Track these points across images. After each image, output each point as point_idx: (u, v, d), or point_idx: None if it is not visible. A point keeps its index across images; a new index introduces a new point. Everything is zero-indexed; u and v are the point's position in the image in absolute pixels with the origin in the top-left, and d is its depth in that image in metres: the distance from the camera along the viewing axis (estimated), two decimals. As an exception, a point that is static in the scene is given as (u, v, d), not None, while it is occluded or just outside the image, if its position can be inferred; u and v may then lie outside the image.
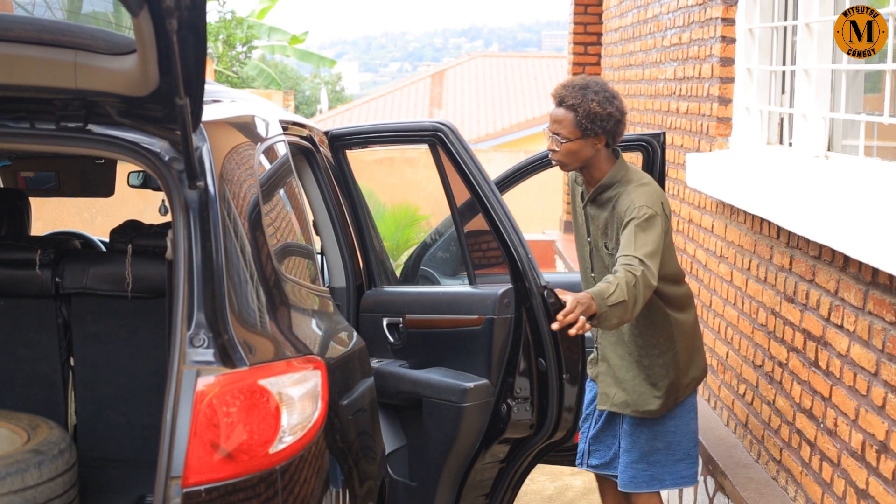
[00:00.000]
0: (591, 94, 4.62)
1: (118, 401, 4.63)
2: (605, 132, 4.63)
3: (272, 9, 25.38)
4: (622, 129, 4.69)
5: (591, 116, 4.59)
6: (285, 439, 3.16)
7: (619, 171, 4.73)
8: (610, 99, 4.64)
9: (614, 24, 10.13)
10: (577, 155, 4.67)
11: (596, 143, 4.65)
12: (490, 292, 4.65)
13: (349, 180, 5.14)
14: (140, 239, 4.56)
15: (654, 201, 4.61)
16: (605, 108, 4.61)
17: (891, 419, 3.87)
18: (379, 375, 4.80)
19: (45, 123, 3.39)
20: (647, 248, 4.47)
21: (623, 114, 4.70)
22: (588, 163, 4.70)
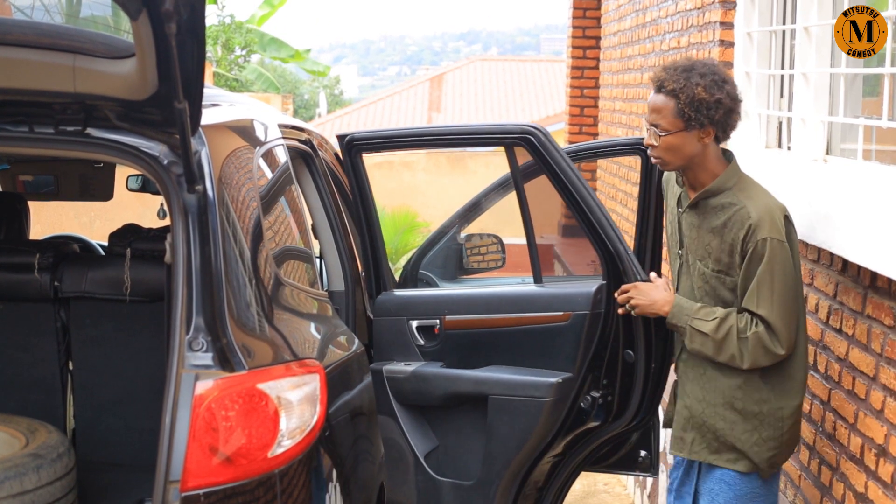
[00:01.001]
0: (696, 77, 4.03)
1: (117, 404, 4.62)
2: (714, 123, 4.04)
3: (272, 15, 25.38)
4: (735, 121, 4.11)
5: (695, 104, 4.01)
6: (284, 443, 3.16)
7: (732, 175, 4.15)
8: (719, 83, 4.04)
9: (613, 28, 10.14)
10: (681, 151, 4.09)
11: (703, 137, 4.07)
12: (583, 290, 4.73)
13: (365, 185, 5.14)
14: (139, 243, 4.56)
15: (779, 222, 4.05)
16: (713, 94, 4.02)
17: (890, 423, 3.87)
18: (418, 378, 4.88)
19: (43, 127, 3.39)
20: (767, 300, 4.01)
21: (736, 101, 4.09)
22: (693, 161, 4.12)
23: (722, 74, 4.09)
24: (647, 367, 4.60)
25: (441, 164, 20.26)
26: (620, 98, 9.71)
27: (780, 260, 3.99)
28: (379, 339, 5.00)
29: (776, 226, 4.00)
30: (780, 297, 3.99)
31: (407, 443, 4.91)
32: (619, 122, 9.51)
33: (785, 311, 4.01)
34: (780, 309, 4.00)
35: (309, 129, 5.07)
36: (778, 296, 3.98)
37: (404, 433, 4.91)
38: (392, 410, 4.91)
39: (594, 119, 11.91)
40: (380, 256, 5.14)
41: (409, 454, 4.91)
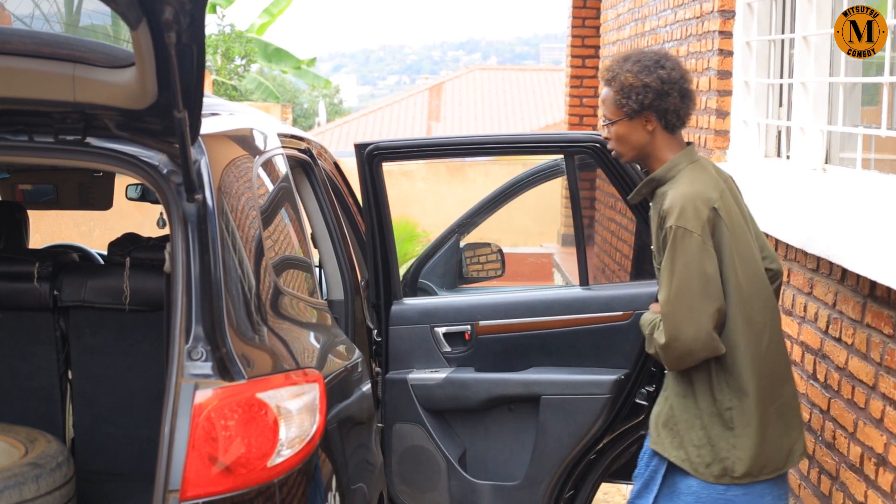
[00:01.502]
0: (628, 64, 3.99)
1: (116, 414, 4.62)
2: (648, 108, 3.94)
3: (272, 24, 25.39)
4: (674, 105, 3.97)
5: (625, 90, 3.96)
6: (283, 453, 3.16)
7: (676, 165, 3.99)
8: (650, 68, 3.96)
9: (612, 38, 10.15)
10: (628, 140, 4.01)
11: (646, 125, 3.97)
12: (646, 290, 4.84)
13: (383, 194, 5.15)
14: (138, 252, 4.56)
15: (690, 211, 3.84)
16: (641, 79, 3.94)
17: (889, 432, 3.86)
18: (454, 384, 4.96)
19: (43, 136, 3.39)
20: (665, 290, 3.86)
21: (671, 84, 3.95)
22: (644, 151, 4.03)
23: (656, 59, 3.99)
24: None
25: (440, 173, 20.26)
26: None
27: (681, 250, 3.80)
28: (397, 347, 5.04)
29: (685, 215, 3.80)
30: (675, 288, 3.80)
31: (438, 448, 4.97)
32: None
33: (678, 302, 3.80)
34: (674, 300, 3.80)
35: (308, 139, 5.08)
36: (674, 287, 3.80)
37: (434, 439, 4.96)
38: (420, 418, 4.96)
39: (593, 128, 11.92)
40: (392, 266, 5.16)
41: (440, 460, 4.99)
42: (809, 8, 5.19)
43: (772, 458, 3.94)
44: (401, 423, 5.02)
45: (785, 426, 3.99)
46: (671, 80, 3.96)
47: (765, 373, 3.93)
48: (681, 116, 4.02)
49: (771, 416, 3.93)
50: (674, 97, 3.97)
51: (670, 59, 4.02)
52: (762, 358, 3.93)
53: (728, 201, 3.95)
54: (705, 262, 3.81)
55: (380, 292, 5.10)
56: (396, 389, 5.00)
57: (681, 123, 4.04)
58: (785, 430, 3.99)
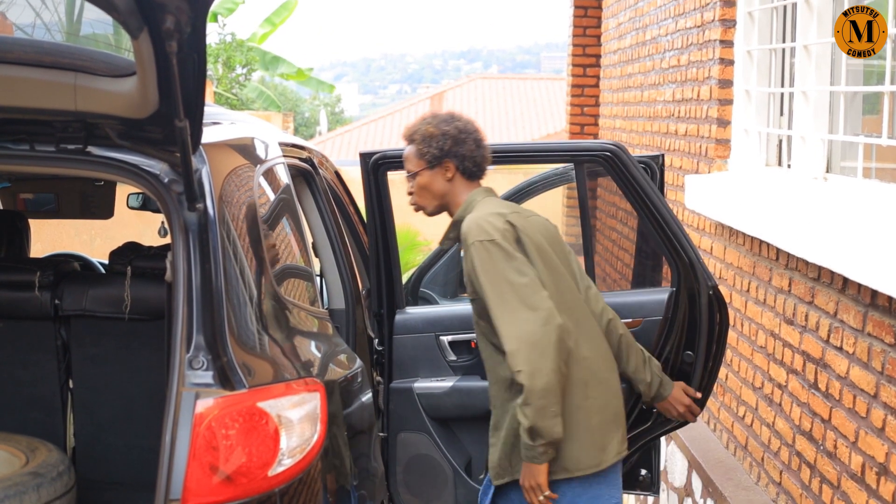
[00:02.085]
0: (428, 118, 4.30)
1: (117, 423, 4.62)
2: (447, 154, 4.20)
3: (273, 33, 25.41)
4: (469, 150, 4.21)
5: (426, 139, 4.22)
6: (284, 462, 3.15)
7: (470, 203, 4.21)
8: (448, 120, 4.25)
9: (613, 47, 10.16)
10: (429, 189, 4.26)
11: (445, 172, 4.22)
12: (655, 297, 4.83)
13: (387, 203, 5.15)
14: (139, 261, 4.56)
15: (486, 225, 4.00)
16: (440, 128, 4.22)
17: (890, 441, 3.86)
18: (461, 392, 4.92)
19: (44, 145, 3.39)
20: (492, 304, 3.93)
21: (466, 133, 4.22)
22: (445, 200, 4.27)
23: (455, 115, 4.29)
24: (705, 367, 4.68)
25: (441, 182, 20.28)
26: (620, 116, 9.72)
27: (490, 260, 3.94)
28: (401, 356, 5.04)
29: (482, 229, 3.97)
30: (502, 296, 3.89)
31: (444, 457, 4.96)
32: (619, 139, 9.52)
33: (513, 307, 3.88)
34: (505, 308, 3.89)
35: (309, 148, 5.07)
36: (500, 297, 3.90)
37: (441, 448, 4.96)
38: (426, 427, 4.95)
39: (594, 137, 11.92)
40: (395, 275, 5.15)
41: (446, 468, 4.97)
42: (810, 17, 5.20)
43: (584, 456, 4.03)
44: (406, 433, 5.02)
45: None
46: (466, 130, 4.23)
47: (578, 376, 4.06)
48: (477, 163, 4.24)
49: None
50: (469, 144, 4.22)
51: (462, 116, 4.33)
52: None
53: (523, 220, 4.09)
54: (516, 263, 3.94)
55: (383, 301, 5.09)
56: (402, 398, 5.00)
57: (479, 171, 4.26)
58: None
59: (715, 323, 4.61)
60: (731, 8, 6.24)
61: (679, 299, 4.69)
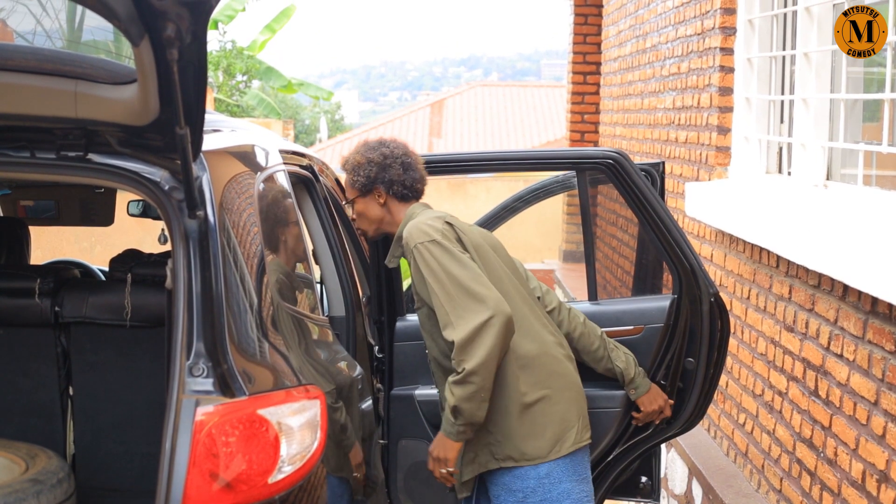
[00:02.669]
0: (358, 149, 4.44)
1: (117, 430, 4.62)
2: (375, 181, 4.35)
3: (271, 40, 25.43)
4: (396, 175, 4.35)
5: (355, 168, 4.39)
6: (284, 469, 3.15)
7: (407, 219, 4.33)
8: (374, 147, 4.41)
9: (613, 54, 10.16)
10: (367, 215, 4.42)
11: (378, 198, 4.37)
12: (657, 304, 4.82)
13: None
14: (139, 268, 4.56)
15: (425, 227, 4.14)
16: (365, 155, 4.38)
17: (891, 448, 3.86)
18: None
19: (45, 152, 3.39)
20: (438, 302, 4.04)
21: (392, 158, 4.37)
22: (384, 223, 4.42)
23: (380, 141, 4.43)
24: (706, 374, 4.69)
25: (441, 189, 20.27)
26: (621, 123, 9.72)
27: (433, 259, 4.06)
28: (402, 363, 5.03)
29: (422, 231, 4.10)
30: (447, 291, 4.00)
31: None
32: (619, 147, 9.52)
33: (459, 299, 3.98)
34: (453, 301, 3.99)
35: (310, 155, 5.07)
36: (446, 292, 4.00)
37: None
38: (427, 433, 4.95)
39: (595, 144, 11.93)
40: (395, 282, 5.15)
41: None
42: (810, 24, 5.20)
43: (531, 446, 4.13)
44: (407, 440, 5.01)
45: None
46: (392, 155, 4.36)
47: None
48: (408, 186, 4.36)
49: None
50: (396, 169, 4.35)
51: (394, 141, 4.45)
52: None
53: (459, 223, 4.25)
54: (459, 258, 4.05)
55: (384, 308, 5.09)
56: (402, 405, 4.99)
57: (411, 193, 4.38)
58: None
59: (716, 330, 4.62)
60: (731, 16, 6.24)
61: (680, 306, 4.69)
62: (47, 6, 3.58)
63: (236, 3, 23.81)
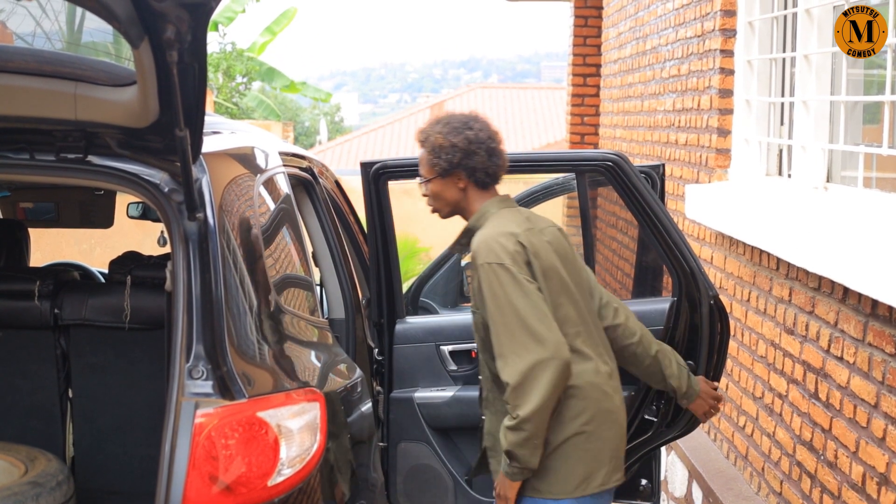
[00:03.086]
0: (439, 126, 4.14)
1: (116, 432, 4.61)
2: (458, 166, 4.08)
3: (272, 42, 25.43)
4: (480, 163, 4.09)
5: (436, 150, 4.10)
6: (284, 472, 3.15)
7: (483, 214, 4.11)
8: (458, 129, 4.10)
9: (613, 56, 10.16)
10: (442, 197, 4.16)
11: (457, 182, 4.12)
12: (656, 307, 4.80)
13: (388, 213, 5.14)
14: (139, 270, 4.56)
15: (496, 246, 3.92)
16: (449, 139, 4.08)
17: (891, 451, 3.86)
18: (461, 402, 4.91)
19: (44, 155, 3.39)
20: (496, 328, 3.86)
21: (478, 143, 4.08)
22: (459, 207, 4.18)
23: (465, 120, 4.13)
24: (706, 376, 4.63)
25: (442, 191, 20.26)
26: (621, 126, 9.72)
27: (498, 284, 3.87)
28: (401, 366, 5.03)
29: (492, 251, 3.90)
30: (506, 322, 3.84)
31: (445, 467, 4.95)
32: (619, 149, 9.52)
33: (517, 334, 3.82)
34: (511, 333, 3.83)
35: (310, 157, 5.07)
36: (505, 322, 3.84)
37: (441, 458, 4.95)
38: (426, 436, 4.94)
39: (595, 146, 11.93)
40: (395, 285, 5.14)
41: (447, 478, 4.96)
42: (810, 27, 5.20)
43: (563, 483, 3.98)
44: (406, 442, 5.01)
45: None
46: (478, 140, 4.08)
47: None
48: (490, 174, 4.12)
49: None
50: (481, 156, 4.09)
51: (479, 121, 4.16)
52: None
53: (535, 239, 4.00)
54: (525, 289, 3.85)
55: (383, 311, 5.09)
56: (402, 408, 4.99)
57: (491, 180, 4.15)
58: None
59: (716, 333, 4.60)
60: (731, 18, 6.24)
61: (680, 309, 4.68)
62: (47, 8, 3.58)
63: (236, 5, 23.81)
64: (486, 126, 4.16)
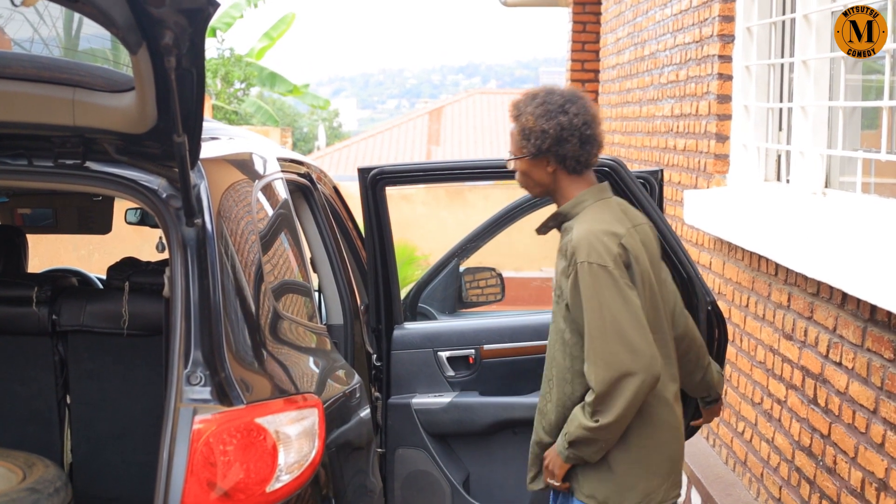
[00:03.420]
0: (532, 105, 3.91)
1: (114, 439, 4.61)
2: (547, 152, 3.88)
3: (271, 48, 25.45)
4: (571, 151, 3.88)
5: (525, 132, 3.90)
6: (282, 478, 3.15)
7: (580, 202, 3.92)
8: (552, 112, 3.87)
9: (611, 62, 10.17)
10: (530, 177, 3.98)
11: (546, 167, 3.92)
12: None
13: (386, 218, 5.12)
14: (137, 276, 4.55)
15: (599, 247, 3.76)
16: (539, 124, 3.87)
17: (890, 457, 3.85)
18: (458, 408, 4.92)
19: (43, 160, 3.39)
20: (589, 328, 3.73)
21: (570, 130, 3.86)
22: (549, 189, 3.99)
23: (562, 102, 3.89)
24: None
25: (440, 197, 20.27)
26: (619, 131, 9.72)
27: (597, 286, 3.73)
28: (399, 372, 5.02)
29: (595, 250, 3.74)
30: (600, 325, 3.71)
31: (443, 473, 4.95)
32: (617, 154, 9.52)
33: (610, 336, 3.70)
34: (604, 335, 3.70)
35: (308, 163, 5.07)
36: (600, 324, 3.71)
37: (439, 464, 4.94)
38: (423, 442, 4.94)
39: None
40: (393, 291, 5.14)
41: (444, 484, 4.96)
42: (809, 32, 5.20)
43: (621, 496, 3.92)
44: (404, 448, 5.01)
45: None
46: (571, 127, 3.86)
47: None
48: (581, 161, 3.92)
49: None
50: (572, 144, 3.88)
51: (577, 103, 3.92)
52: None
53: (635, 241, 3.89)
54: (625, 295, 3.74)
55: (381, 316, 5.08)
56: (399, 414, 4.99)
57: (582, 167, 3.94)
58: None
59: (714, 338, 4.59)
60: (729, 23, 6.25)
61: None
62: (45, 14, 3.57)
63: (234, 11, 23.84)
64: (583, 110, 3.91)
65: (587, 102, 3.96)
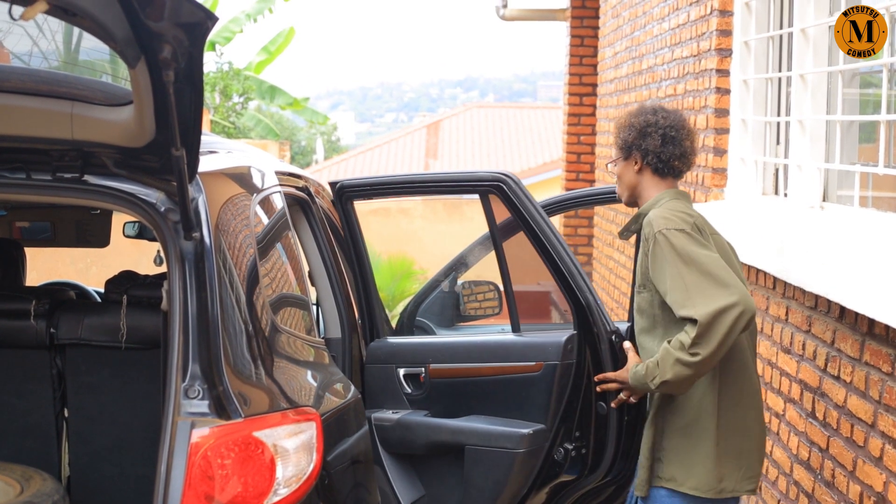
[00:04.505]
0: (632, 109, 4.28)
1: (112, 452, 4.60)
2: (633, 146, 4.17)
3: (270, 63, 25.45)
4: (652, 145, 4.14)
5: (619, 129, 4.24)
6: (280, 492, 3.14)
7: (658, 200, 4.15)
8: (643, 112, 4.21)
9: (609, 76, 10.18)
10: (623, 180, 4.26)
11: (634, 165, 4.20)
12: (553, 339, 4.63)
13: (356, 231, 5.13)
14: (135, 290, 4.55)
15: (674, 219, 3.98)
16: (629, 119, 4.21)
17: (888, 470, 3.85)
18: (402, 426, 4.81)
19: (41, 174, 3.39)
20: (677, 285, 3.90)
21: (654, 126, 4.15)
22: (635, 192, 4.26)
23: (654, 108, 4.21)
24: (620, 420, 4.51)
25: (438, 210, 20.28)
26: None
27: (677, 246, 3.91)
28: (371, 386, 4.96)
29: (670, 221, 3.96)
30: (689, 277, 3.87)
31: (392, 491, 4.84)
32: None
33: (701, 283, 3.85)
34: (695, 283, 3.86)
35: (306, 176, 5.08)
36: (687, 276, 3.87)
37: (390, 481, 4.84)
38: (379, 458, 4.83)
39: (591, 166, 11.94)
40: (373, 303, 5.12)
41: (393, 503, 4.83)
42: (806, 46, 5.21)
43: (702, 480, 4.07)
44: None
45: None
46: (655, 124, 4.15)
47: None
48: (663, 160, 4.15)
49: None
50: (654, 139, 4.14)
51: (670, 113, 4.20)
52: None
53: (708, 226, 4.10)
54: (707, 246, 3.94)
55: (368, 330, 5.06)
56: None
57: (668, 169, 4.17)
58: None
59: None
60: (727, 37, 6.26)
61: (582, 343, 4.55)
62: (44, 27, 3.58)
63: (234, 26, 23.84)
64: (674, 118, 4.20)
65: (681, 115, 4.24)
